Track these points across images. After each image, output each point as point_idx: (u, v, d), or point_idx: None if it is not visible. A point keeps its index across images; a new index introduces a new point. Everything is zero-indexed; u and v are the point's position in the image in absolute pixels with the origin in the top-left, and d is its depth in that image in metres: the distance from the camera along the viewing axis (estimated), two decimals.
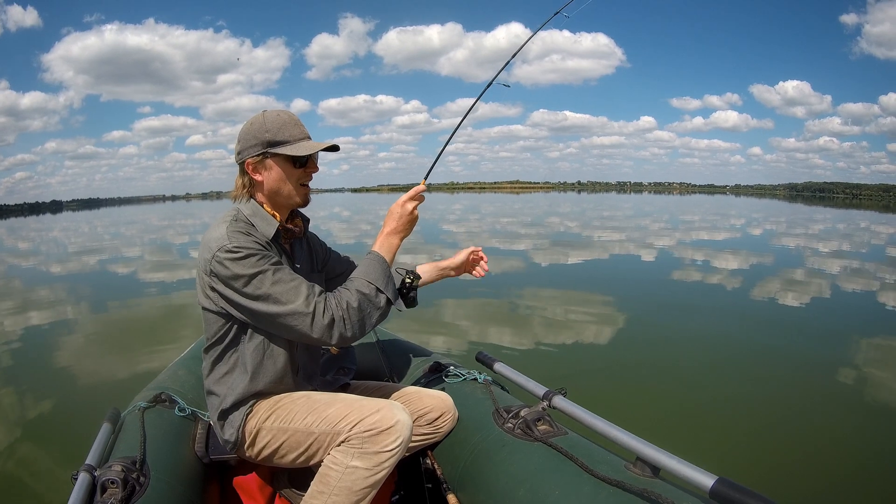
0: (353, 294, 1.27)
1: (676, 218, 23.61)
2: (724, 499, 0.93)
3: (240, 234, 1.24)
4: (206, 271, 1.24)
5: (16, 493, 2.43)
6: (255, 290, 1.20)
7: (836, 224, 22.02)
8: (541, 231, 16.29)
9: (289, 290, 1.21)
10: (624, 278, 8.03)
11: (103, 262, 11.55)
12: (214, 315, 1.29)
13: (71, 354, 4.61)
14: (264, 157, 1.31)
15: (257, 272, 1.20)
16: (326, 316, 1.22)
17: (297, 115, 1.35)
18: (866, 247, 13.40)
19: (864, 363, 4.12)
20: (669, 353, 4.36)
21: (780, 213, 32.69)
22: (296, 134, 1.32)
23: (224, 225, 1.26)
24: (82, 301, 7.16)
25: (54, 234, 24.93)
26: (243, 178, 1.34)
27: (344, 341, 1.25)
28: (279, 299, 1.20)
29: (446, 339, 4.62)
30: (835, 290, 7.05)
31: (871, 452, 2.75)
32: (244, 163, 1.32)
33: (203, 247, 1.26)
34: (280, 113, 1.33)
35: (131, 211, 60.42)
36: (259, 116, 1.33)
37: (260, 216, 1.32)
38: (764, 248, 12.06)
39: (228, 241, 1.21)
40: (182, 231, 21.40)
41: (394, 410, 1.23)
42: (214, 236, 1.24)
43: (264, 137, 1.29)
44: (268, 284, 1.20)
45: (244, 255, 1.20)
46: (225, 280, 1.21)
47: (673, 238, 13.87)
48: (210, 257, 1.22)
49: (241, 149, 1.32)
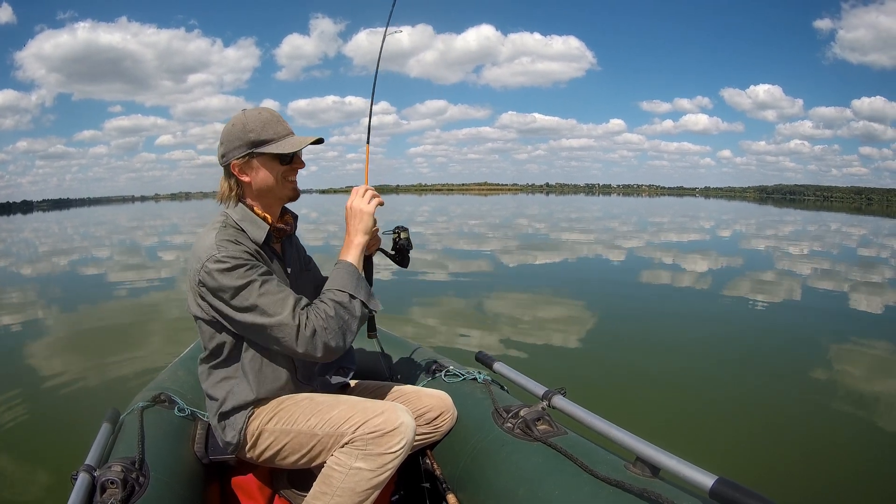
0: (329, 304, 1.26)
1: (677, 220, 23.65)
2: (723, 499, 0.93)
3: (229, 244, 1.22)
4: (196, 281, 1.23)
5: (16, 494, 2.42)
6: (242, 301, 1.19)
7: (847, 226, 22.04)
8: (508, 233, 16.27)
9: (276, 302, 1.20)
10: (626, 280, 8.03)
11: (108, 260, 11.56)
12: (208, 325, 1.28)
13: (71, 354, 4.61)
14: (250, 158, 1.29)
15: (245, 283, 1.19)
16: (309, 328, 1.20)
17: (277, 112, 1.32)
18: (878, 248, 13.41)
19: (864, 364, 4.12)
20: (670, 353, 4.36)
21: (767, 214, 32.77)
22: (280, 131, 1.30)
23: (213, 232, 1.25)
24: (82, 301, 7.15)
25: (25, 234, 24.64)
26: (229, 181, 1.32)
27: (329, 352, 1.23)
28: (266, 311, 1.19)
29: (446, 338, 4.62)
30: (836, 291, 7.06)
31: (871, 452, 2.76)
32: (229, 165, 1.30)
33: (193, 256, 1.25)
34: (261, 111, 1.31)
35: (101, 211, 59.88)
36: (240, 116, 1.30)
37: (249, 220, 1.31)
38: (766, 249, 12.07)
39: (217, 251, 1.20)
40: (178, 231, 21.38)
41: (398, 412, 1.24)
42: (204, 245, 1.23)
43: (248, 138, 1.27)
44: (255, 296, 1.19)
45: (232, 266, 1.19)
46: (213, 291, 1.21)
47: (679, 239, 13.88)
48: (199, 267, 1.21)
49: (225, 151, 1.29)
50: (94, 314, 6.36)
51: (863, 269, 9.29)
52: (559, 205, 41.46)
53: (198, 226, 23.79)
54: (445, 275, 8.15)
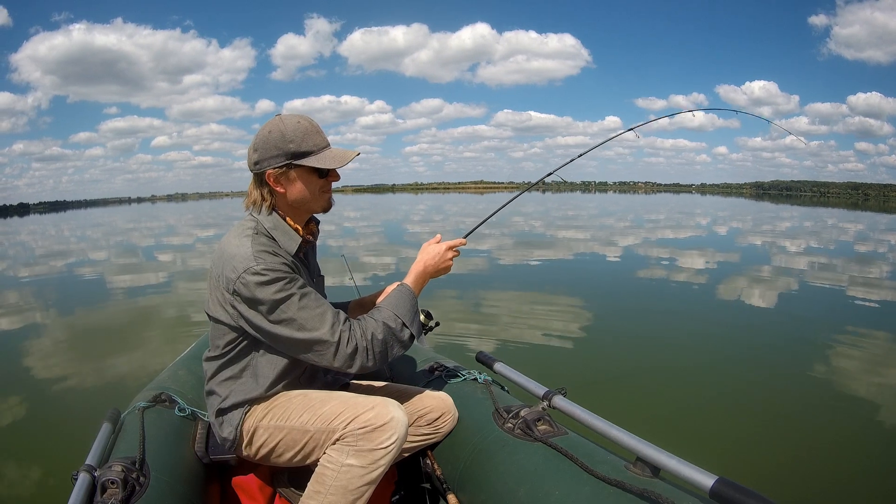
0: (380, 326, 1.24)
1: (674, 217, 23.66)
2: (724, 499, 0.93)
3: (267, 255, 1.20)
4: (229, 289, 1.20)
5: (16, 493, 2.43)
6: (280, 315, 1.18)
7: (846, 222, 22.07)
8: (504, 231, 16.23)
9: (314, 317, 1.19)
10: (627, 280, 8.03)
11: (107, 262, 11.56)
12: (227, 327, 1.27)
13: (71, 355, 4.61)
14: (288, 169, 1.25)
15: (285, 297, 1.17)
16: (350, 346, 1.20)
17: (315, 121, 1.28)
18: (876, 244, 13.43)
19: (865, 363, 4.12)
20: (670, 352, 4.36)
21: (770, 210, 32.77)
22: (319, 143, 1.26)
23: (247, 240, 1.21)
24: (82, 301, 7.15)
25: (22, 237, 24.60)
26: (262, 189, 1.28)
27: (363, 370, 1.23)
28: (304, 325, 1.18)
29: (446, 339, 4.62)
30: (837, 292, 7.05)
31: (871, 452, 2.76)
32: (264, 173, 1.26)
33: (224, 262, 1.21)
34: (300, 119, 1.26)
35: (98, 213, 60.09)
36: (277, 123, 1.25)
37: (282, 230, 1.28)
38: (767, 251, 12.06)
39: (255, 263, 1.17)
40: (175, 232, 21.38)
41: (388, 407, 1.22)
42: (240, 254, 1.19)
43: (288, 148, 1.23)
44: (294, 310, 1.18)
45: (272, 280, 1.17)
46: (249, 302, 1.19)
47: (680, 240, 13.89)
48: (235, 277, 1.18)
49: (260, 158, 1.25)
50: (93, 315, 6.36)
51: (860, 265, 9.32)
52: (555, 202, 41.47)
53: (195, 226, 23.82)
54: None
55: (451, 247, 1.41)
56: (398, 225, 18.66)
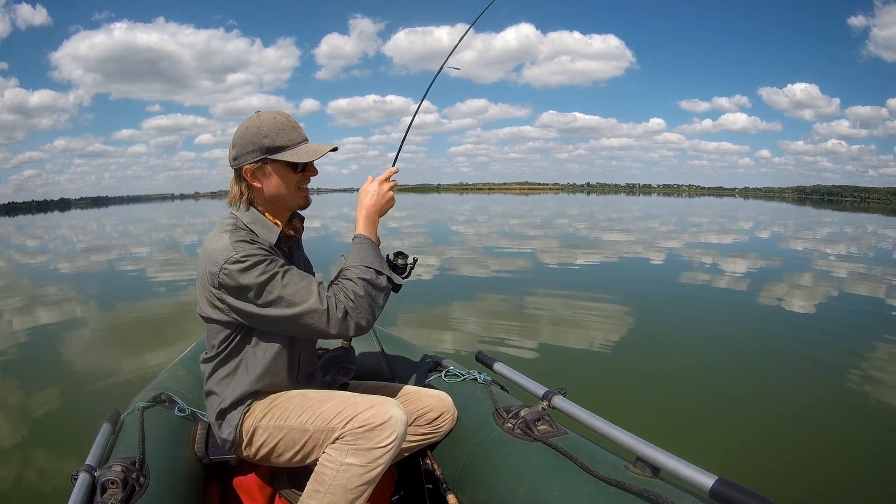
0: (357, 282, 1.26)
1: (685, 220, 23.57)
2: (724, 499, 0.93)
3: (244, 243, 1.21)
4: (214, 284, 1.22)
5: (16, 493, 2.43)
6: (267, 296, 1.19)
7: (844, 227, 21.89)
8: (548, 232, 16.27)
9: (300, 291, 1.20)
10: (627, 280, 8.02)
11: (108, 261, 11.55)
12: (220, 325, 1.28)
13: (71, 354, 4.61)
14: (263, 164, 1.27)
15: (268, 278, 1.19)
16: (340, 309, 1.21)
17: (292, 116, 1.31)
18: (872, 250, 13.39)
19: (865, 365, 4.11)
20: (670, 353, 4.36)
21: (788, 215, 32.66)
22: (294, 137, 1.29)
23: (226, 235, 1.24)
24: (82, 301, 7.15)
25: (62, 231, 24.93)
26: (240, 185, 1.31)
27: (360, 331, 1.25)
28: (293, 301, 1.19)
29: (446, 338, 4.62)
30: (839, 294, 7.04)
31: (871, 453, 2.75)
32: (241, 168, 1.29)
33: (206, 259, 1.23)
34: (276, 115, 1.29)
35: (140, 209, 60.68)
36: (254, 119, 1.28)
37: (260, 223, 1.30)
38: (770, 252, 12.03)
39: (234, 252, 1.19)
40: (190, 230, 21.35)
41: (387, 406, 1.23)
42: (218, 248, 1.21)
43: (263, 143, 1.26)
44: (279, 288, 1.19)
45: (252, 264, 1.18)
46: (236, 291, 1.20)
47: (680, 240, 13.84)
48: (217, 270, 1.20)
49: (238, 154, 1.28)
50: (93, 315, 6.35)
51: (887, 272, 9.14)
52: (599, 204, 41.25)
53: None
54: (444, 275, 8.16)
55: (384, 179, 1.40)
56: (443, 225, 18.44)
